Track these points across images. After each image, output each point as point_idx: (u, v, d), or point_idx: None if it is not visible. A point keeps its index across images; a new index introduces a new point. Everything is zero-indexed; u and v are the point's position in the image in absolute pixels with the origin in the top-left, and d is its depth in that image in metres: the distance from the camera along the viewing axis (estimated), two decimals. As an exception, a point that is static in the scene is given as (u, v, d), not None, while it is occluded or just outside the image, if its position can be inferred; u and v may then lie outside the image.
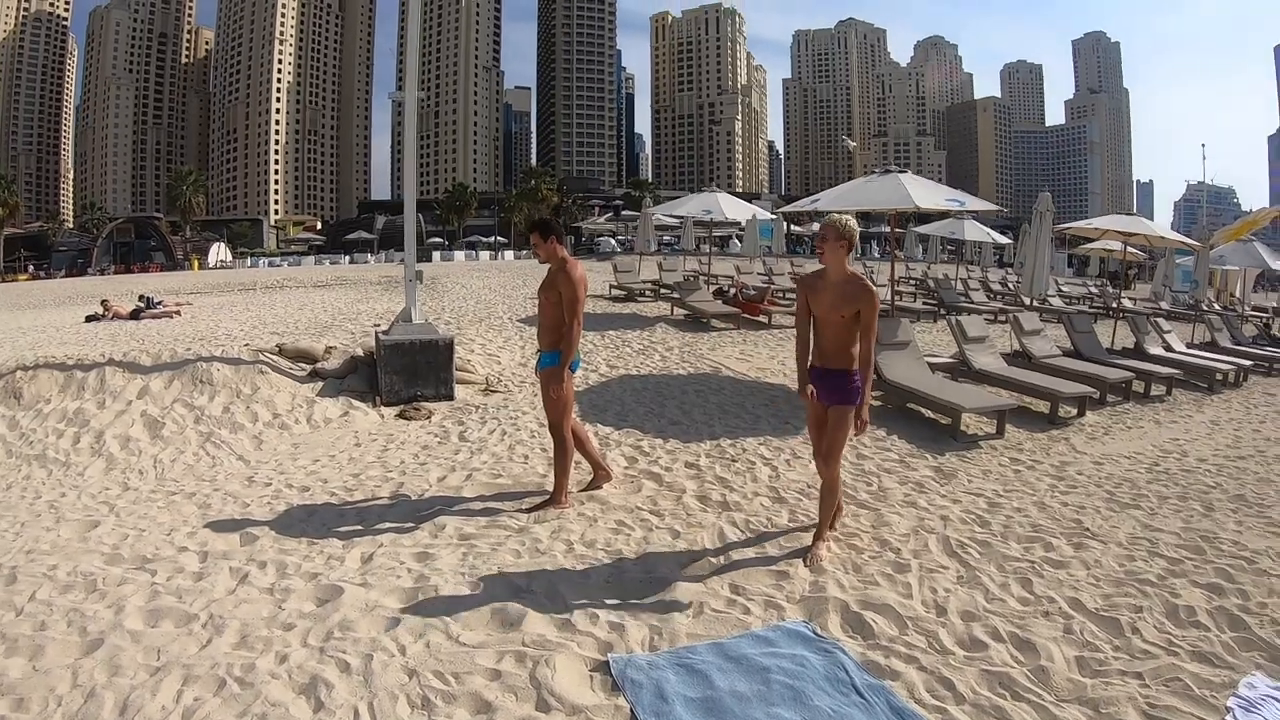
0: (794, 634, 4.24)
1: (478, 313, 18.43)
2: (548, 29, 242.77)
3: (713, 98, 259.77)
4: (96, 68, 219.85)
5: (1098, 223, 17.38)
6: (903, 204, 10.39)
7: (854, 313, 5.16)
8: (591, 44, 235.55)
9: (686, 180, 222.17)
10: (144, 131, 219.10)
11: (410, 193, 11.10)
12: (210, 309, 21.65)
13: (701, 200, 20.94)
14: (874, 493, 6.80)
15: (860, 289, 5.17)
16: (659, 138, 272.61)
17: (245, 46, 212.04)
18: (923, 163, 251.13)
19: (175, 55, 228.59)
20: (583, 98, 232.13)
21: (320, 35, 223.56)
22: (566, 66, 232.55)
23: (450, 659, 3.95)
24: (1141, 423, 10.33)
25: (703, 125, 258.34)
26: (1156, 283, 30.41)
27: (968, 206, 11.57)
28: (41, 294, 36.42)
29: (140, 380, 9.42)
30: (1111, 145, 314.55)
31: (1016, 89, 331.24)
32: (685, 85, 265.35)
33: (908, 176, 10.96)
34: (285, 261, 73.07)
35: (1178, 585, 5.06)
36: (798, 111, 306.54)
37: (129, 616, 4.44)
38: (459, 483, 6.91)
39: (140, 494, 6.87)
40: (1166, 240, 17.25)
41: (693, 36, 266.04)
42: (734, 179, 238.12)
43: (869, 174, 12.23)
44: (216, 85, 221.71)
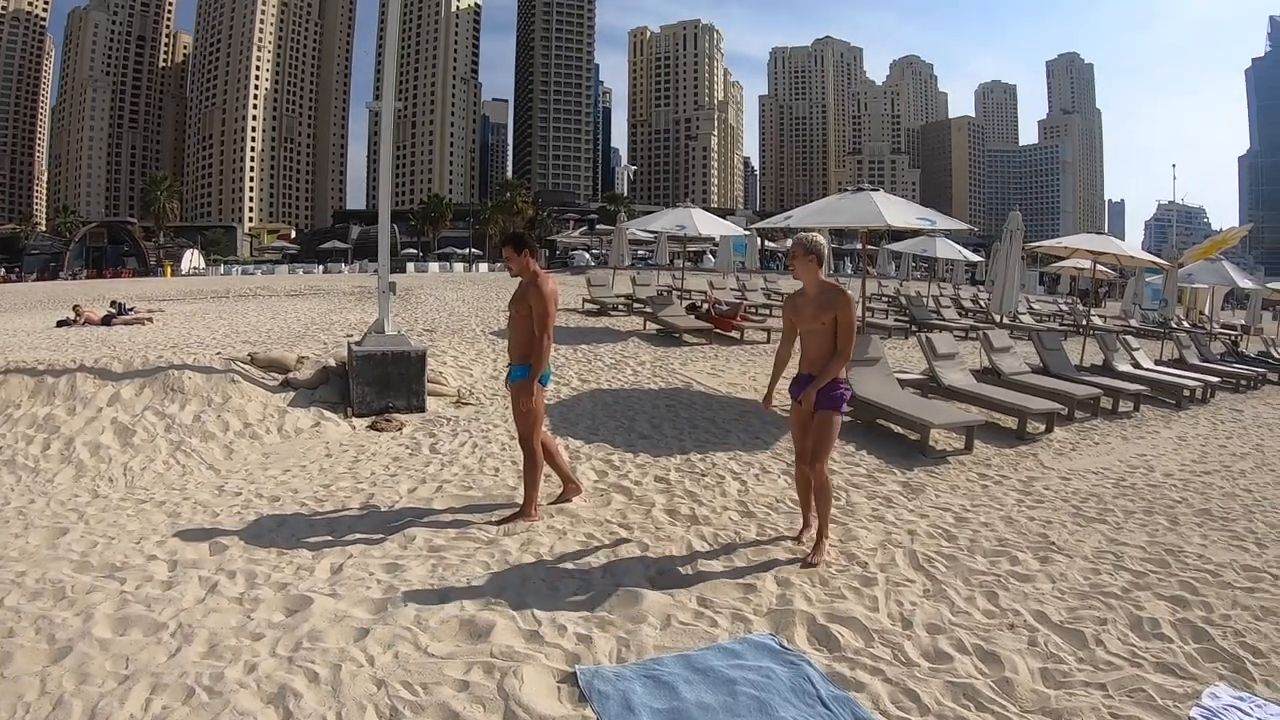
0: (760, 646, 4.26)
1: (451, 324, 18.40)
2: (526, 41, 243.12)
3: (689, 113, 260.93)
4: (74, 69, 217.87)
5: (1068, 241, 17.55)
6: (874, 222, 10.49)
7: (832, 318, 5.42)
8: (570, 57, 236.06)
9: (662, 195, 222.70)
10: (120, 135, 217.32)
11: (385, 204, 11.10)
12: (182, 316, 21.50)
13: (675, 215, 21.02)
14: (842, 507, 6.82)
15: (835, 295, 5.47)
16: (635, 152, 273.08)
17: (223, 51, 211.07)
18: (897, 181, 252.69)
19: (153, 58, 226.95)
20: (560, 111, 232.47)
21: (299, 43, 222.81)
22: (544, 79, 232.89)
23: (418, 670, 3.95)
24: (1109, 438, 10.45)
25: (679, 140, 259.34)
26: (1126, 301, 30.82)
27: (938, 225, 11.68)
28: (12, 297, 35.99)
29: (111, 387, 9.35)
30: (1084, 165, 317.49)
31: (990, 108, 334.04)
32: (662, 100, 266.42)
33: (880, 194, 11.06)
34: (259, 270, 72.72)
35: (1142, 598, 5.13)
36: (774, 128, 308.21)
37: (98, 624, 4.41)
38: (429, 494, 6.90)
39: (110, 502, 6.82)
40: (1136, 259, 17.48)
41: (671, 52, 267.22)
42: (709, 194, 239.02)
43: (842, 191, 12.32)
44: (193, 90, 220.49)
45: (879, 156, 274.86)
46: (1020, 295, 20.93)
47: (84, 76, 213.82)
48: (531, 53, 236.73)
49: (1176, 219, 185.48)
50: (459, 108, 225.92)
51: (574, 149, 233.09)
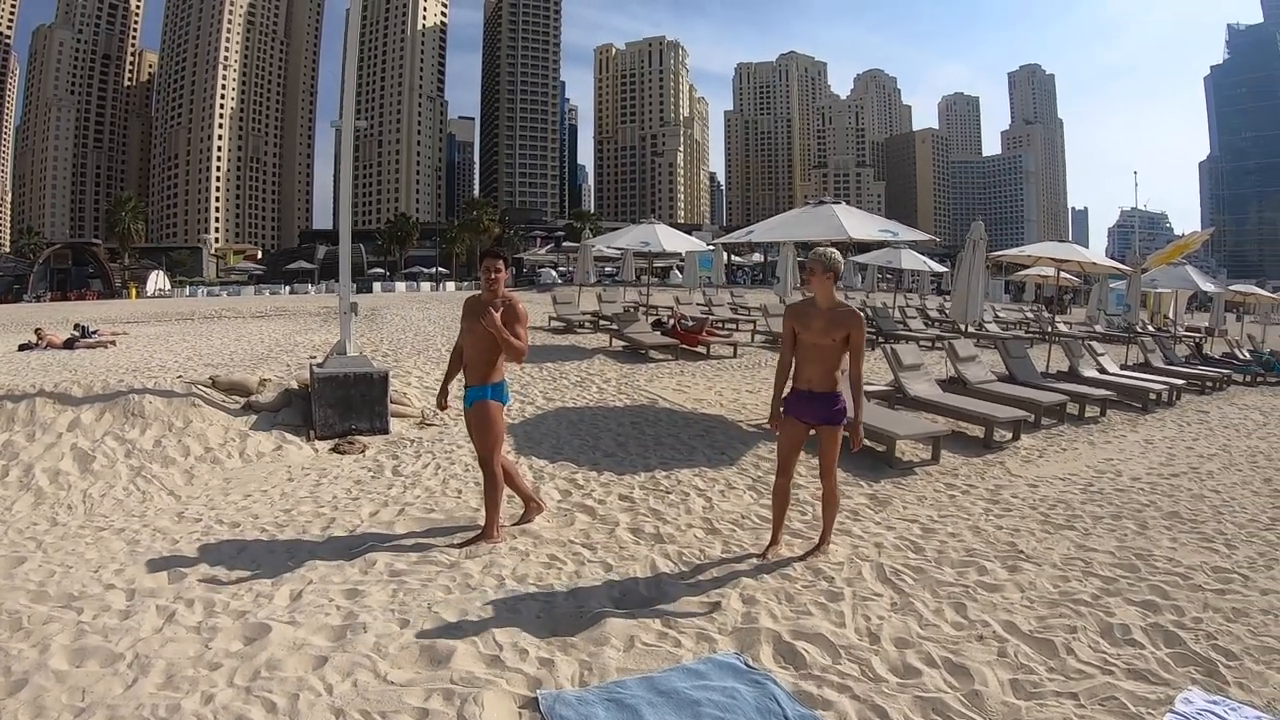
0: (725, 666, 4.21)
1: (416, 344, 18.30)
2: (492, 59, 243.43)
3: (655, 129, 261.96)
4: (38, 87, 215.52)
5: (1032, 250, 17.69)
6: (836, 235, 10.48)
7: (844, 337, 5.55)
8: (535, 75, 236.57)
9: (629, 211, 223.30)
10: (84, 155, 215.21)
11: (345, 222, 11.00)
12: (146, 339, 21.28)
13: (640, 232, 21.01)
14: (808, 521, 6.80)
15: (850, 314, 5.61)
16: (602, 169, 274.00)
17: (189, 70, 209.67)
18: (862, 193, 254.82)
19: (118, 77, 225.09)
20: (526, 128, 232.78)
21: (264, 61, 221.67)
22: (510, 97, 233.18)
23: (378, 698, 3.87)
24: (1076, 444, 10.52)
25: (645, 156, 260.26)
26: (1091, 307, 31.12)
27: (901, 237, 11.71)
28: (-27, 322, 35.57)
29: (71, 412, 9.20)
30: (1047, 174, 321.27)
31: (954, 120, 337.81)
32: (628, 117, 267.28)
33: (841, 207, 11.07)
34: (224, 291, 72.10)
35: (1112, 604, 5.14)
36: (739, 143, 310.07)
37: (54, 656, 4.31)
38: (391, 518, 6.81)
39: (69, 529, 6.68)
40: (1099, 266, 17.65)
41: (636, 69, 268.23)
42: (676, 210, 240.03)
43: (805, 205, 12.34)
44: (159, 109, 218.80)
45: (844, 169, 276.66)
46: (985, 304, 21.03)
47: (48, 95, 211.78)
48: (497, 71, 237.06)
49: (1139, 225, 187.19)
50: (425, 126, 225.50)
51: (540, 166, 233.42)
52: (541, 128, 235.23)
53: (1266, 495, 8.37)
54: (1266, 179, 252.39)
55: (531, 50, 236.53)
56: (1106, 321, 31.90)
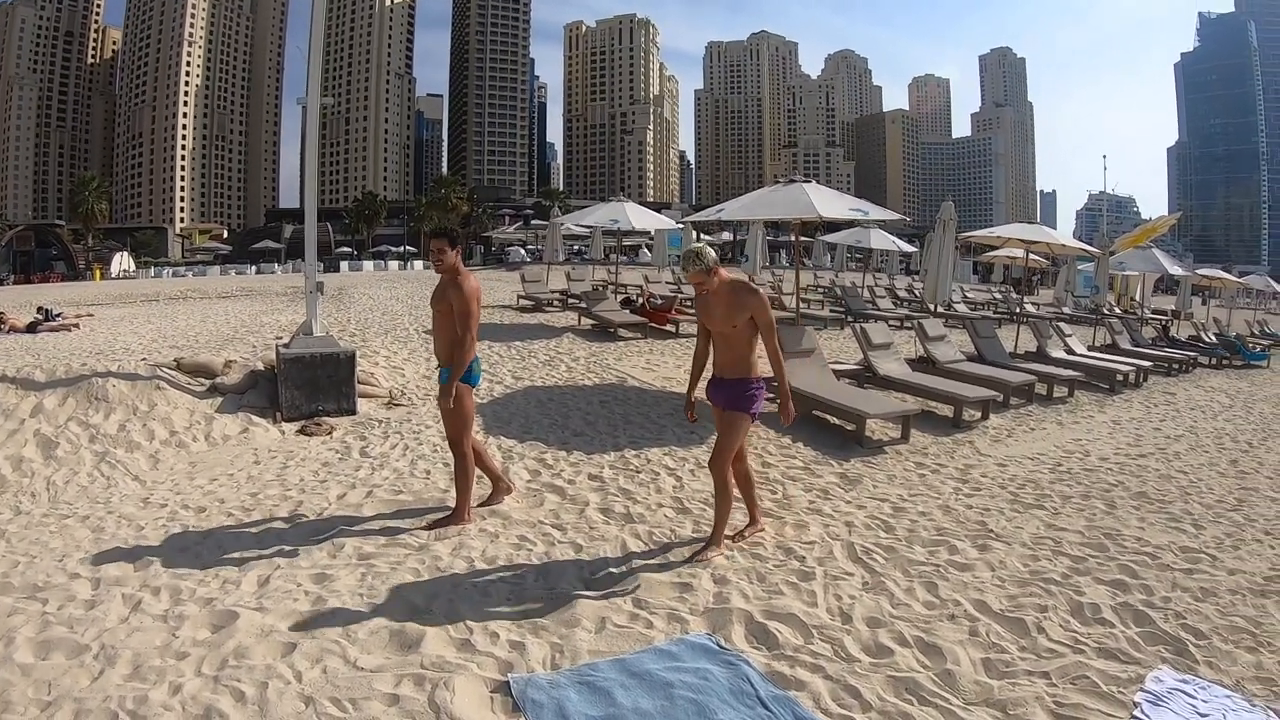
0: (697, 647, 4.20)
1: (383, 324, 18.15)
2: (461, 36, 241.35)
3: (625, 107, 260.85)
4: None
5: (1001, 231, 17.75)
6: (806, 213, 10.46)
7: (747, 319, 5.27)
8: (505, 52, 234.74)
9: (598, 190, 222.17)
10: (47, 134, 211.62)
11: (310, 200, 10.86)
12: (111, 321, 20.98)
13: (609, 210, 20.90)
14: (778, 500, 6.81)
15: (747, 294, 5.33)
16: (571, 147, 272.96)
17: (153, 47, 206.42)
18: (832, 173, 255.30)
19: (81, 55, 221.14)
20: (495, 106, 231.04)
21: (230, 38, 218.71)
22: (479, 74, 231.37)
23: (347, 685, 3.84)
24: (1044, 424, 10.57)
25: (614, 134, 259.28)
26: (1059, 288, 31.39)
27: (871, 216, 11.68)
28: (-68, 306, 35.00)
29: (34, 397, 9.04)
30: (1016, 156, 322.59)
31: (924, 102, 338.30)
32: (598, 95, 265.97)
33: (811, 186, 11.02)
34: (190, 271, 71.49)
35: (1082, 583, 5.18)
36: (709, 122, 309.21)
37: (19, 649, 4.24)
38: (359, 500, 6.75)
39: (32, 518, 6.57)
40: (1068, 248, 17.72)
41: (606, 46, 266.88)
42: (645, 188, 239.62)
43: (776, 183, 12.29)
44: (122, 87, 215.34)
45: (814, 149, 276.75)
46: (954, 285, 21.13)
47: (10, 73, 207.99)
48: (466, 47, 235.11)
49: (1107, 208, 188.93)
50: (393, 104, 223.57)
51: (509, 144, 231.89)
52: (510, 105, 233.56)
53: (1233, 476, 8.45)
54: (1234, 165, 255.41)
55: (501, 27, 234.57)
56: (1074, 303, 32.21)
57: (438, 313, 6.00)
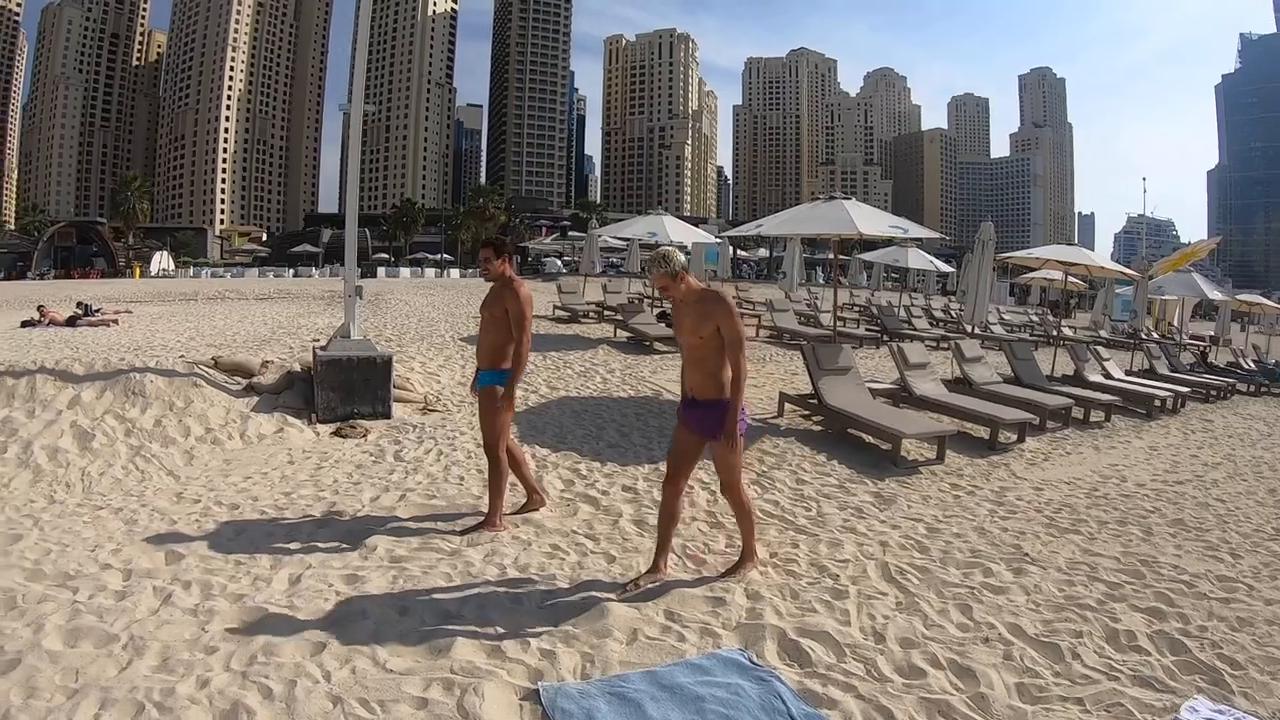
0: (729, 662, 4.16)
1: (420, 330, 18.23)
2: (502, 48, 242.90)
3: (663, 122, 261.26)
4: (46, 66, 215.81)
5: (1039, 252, 17.63)
6: (846, 230, 10.42)
7: (713, 330, 4.89)
8: (545, 64, 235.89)
9: (635, 203, 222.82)
10: (91, 134, 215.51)
11: (352, 205, 10.94)
12: (149, 318, 21.22)
13: (647, 223, 20.93)
14: (813, 518, 6.77)
15: (712, 302, 4.95)
16: (609, 160, 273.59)
17: (197, 51, 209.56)
18: (869, 191, 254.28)
19: (126, 57, 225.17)
20: (534, 117, 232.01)
21: (274, 44, 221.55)
22: (519, 86, 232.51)
23: (376, 686, 3.83)
24: (1081, 448, 10.45)
25: (652, 149, 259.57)
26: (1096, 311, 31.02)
27: (910, 233, 11.64)
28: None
29: (72, 390, 9.15)
30: (1054, 178, 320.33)
31: (963, 121, 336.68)
32: (636, 108, 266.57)
33: (851, 203, 10.99)
34: (228, 272, 72.07)
35: (1118, 610, 5.09)
36: (747, 138, 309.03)
37: (48, 636, 4.27)
38: (392, 503, 6.77)
39: (66, 508, 6.65)
40: (1106, 270, 17.57)
41: (646, 60, 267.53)
42: (682, 203, 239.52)
43: (814, 200, 12.25)
44: (166, 90, 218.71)
45: (852, 167, 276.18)
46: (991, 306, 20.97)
47: (56, 73, 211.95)
48: (507, 59, 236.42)
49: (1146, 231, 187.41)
50: (433, 113, 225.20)
51: (548, 156, 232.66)
52: (550, 117, 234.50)
53: (1271, 506, 8.32)
54: (1275, 189, 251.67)
55: (541, 39, 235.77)
56: (1111, 326, 31.87)
57: (489, 317, 6.03)
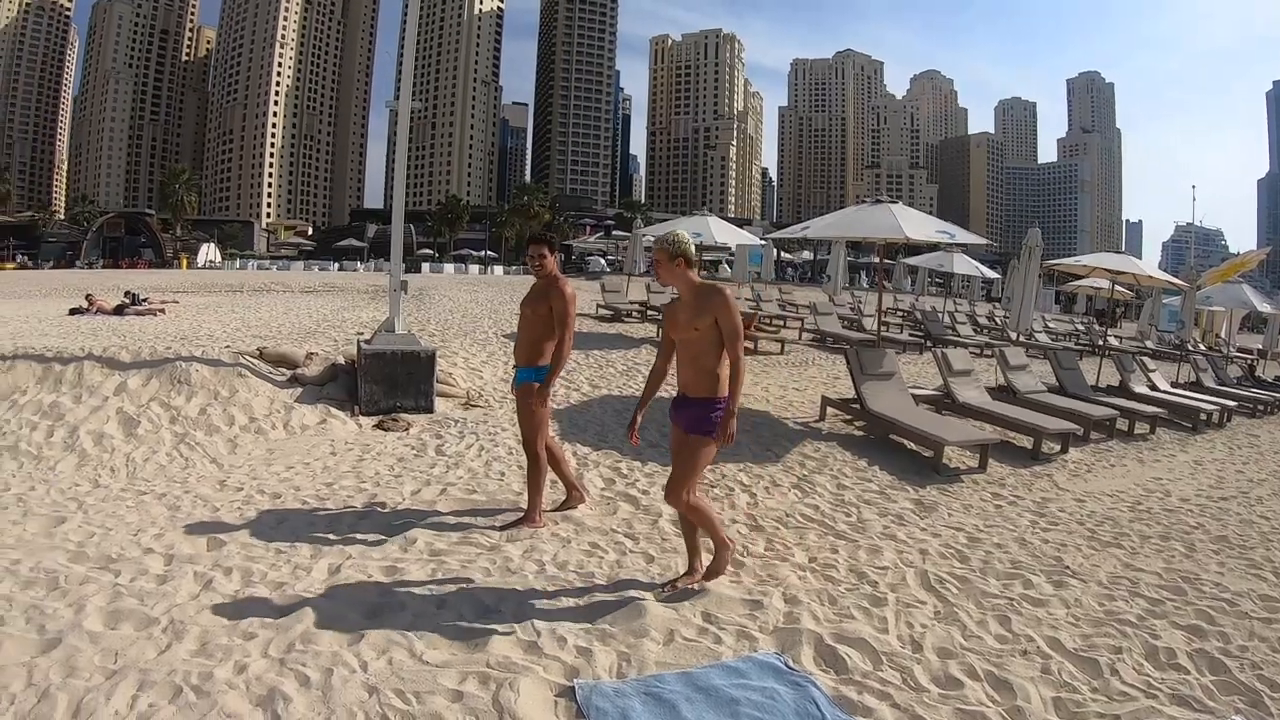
0: (765, 666, 4.15)
1: (463, 326, 18.33)
2: (548, 47, 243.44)
3: (709, 122, 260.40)
4: (96, 60, 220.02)
5: (1087, 260, 17.40)
6: (892, 234, 10.35)
7: (710, 322, 4.77)
8: (590, 63, 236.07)
9: (679, 203, 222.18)
10: (140, 127, 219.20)
11: (399, 202, 11.06)
12: (195, 309, 21.49)
13: (692, 223, 20.89)
14: (853, 524, 6.73)
15: (712, 294, 4.83)
16: (654, 159, 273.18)
17: (246, 48, 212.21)
18: (915, 195, 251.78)
19: (176, 52, 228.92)
20: (579, 116, 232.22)
21: (321, 41, 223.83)
22: (565, 85, 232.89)
23: (412, 678, 3.85)
24: (1125, 461, 10.32)
25: (697, 149, 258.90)
26: (1143, 321, 30.63)
27: (957, 238, 11.54)
28: (27, 284, 36.11)
29: (118, 377, 9.32)
30: (1102, 184, 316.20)
31: (1010, 125, 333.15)
32: (682, 108, 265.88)
33: (898, 207, 10.92)
34: (274, 265, 72.86)
35: (1158, 626, 5.01)
36: (792, 139, 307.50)
37: (89, 617, 4.35)
38: (433, 497, 6.81)
39: (110, 492, 6.78)
40: (1155, 279, 17.31)
41: (692, 61, 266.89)
42: (727, 204, 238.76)
43: (860, 203, 12.18)
44: (215, 85, 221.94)
45: (897, 170, 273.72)
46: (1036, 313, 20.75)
47: (106, 68, 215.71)
48: (553, 58, 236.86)
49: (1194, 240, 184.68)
50: (479, 110, 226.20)
51: (592, 155, 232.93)
52: (595, 116, 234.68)
53: (1318, 524, 8.16)
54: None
55: (587, 39, 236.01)
56: (1158, 337, 31.42)
57: (531, 314, 6.02)
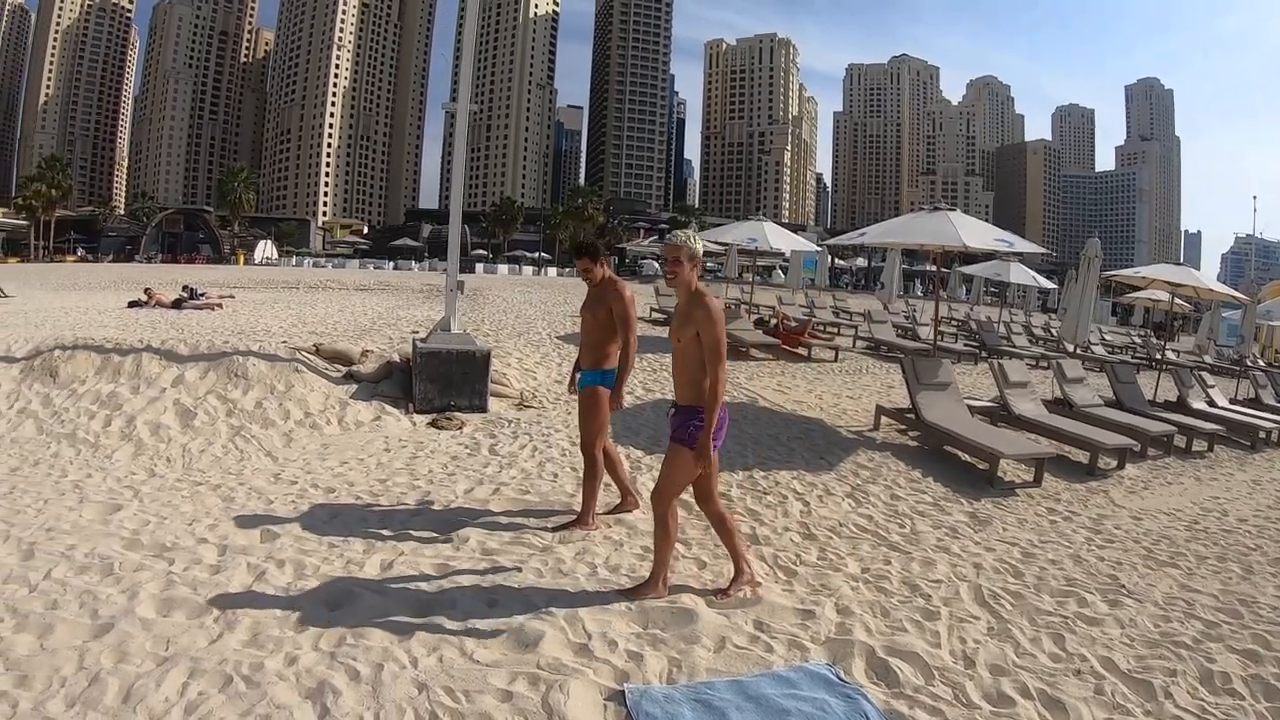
0: (816, 676, 4.12)
1: (517, 327, 18.43)
2: (603, 50, 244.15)
3: (763, 127, 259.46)
4: (157, 61, 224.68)
5: (1146, 271, 17.13)
6: (950, 242, 10.23)
7: (692, 335, 4.63)
8: (645, 67, 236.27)
9: (733, 208, 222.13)
10: (199, 126, 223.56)
11: (456, 202, 11.14)
12: (252, 304, 21.84)
13: (748, 228, 20.82)
14: (906, 535, 6.66)
15: (695, 305, 4.66)
16: (708, 164, 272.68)
17: (304, 49, 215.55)
18: (970, 202, 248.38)
19: (235, 54, 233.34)
20: (634, 120, 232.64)
21: (378, 43, 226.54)
22: (619, 88, 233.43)
23: (462, 676, 3.88)
24: (1182, 478, 10.12)
25: (752, 154, 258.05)
26: (1201, 335, 30.08)
27: (1016, 247, 11.38)
28: (88, 277, 36.92)
29: (176, 369, 9.50)
30: (1161, 193, 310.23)
31: (1067, 133, 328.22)
32: (736, 113, 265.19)
33: (957, 214, 10.78)
34: (330, 263, 73.82)
35: (1213, 650, 4.91)
36: (847, 145, 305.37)
37: (142, 604, 4.44)
38: (486, 496, 6.84)
39: (166, 481, 6.91)
40: (1215, 293, 16.97)
41: (746, 65, 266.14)
42: (781, 209, 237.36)
43: (917, 210, 12.08)
44: (273, 86, 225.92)
45: (953, 177, 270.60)
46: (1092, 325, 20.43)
47: (167, 68, 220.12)
48: (607, 61, 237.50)
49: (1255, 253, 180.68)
50: (534, 113, 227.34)
51: (647, 159, 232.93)
52: (649, 120, 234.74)
53: (1381, 549, 7.96)
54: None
55: (642, 42, 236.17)
56: (1216, 351, 30.83)
57: (591, 318, 6.02)
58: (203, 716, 3.46)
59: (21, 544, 5.23)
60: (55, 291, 26.45)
